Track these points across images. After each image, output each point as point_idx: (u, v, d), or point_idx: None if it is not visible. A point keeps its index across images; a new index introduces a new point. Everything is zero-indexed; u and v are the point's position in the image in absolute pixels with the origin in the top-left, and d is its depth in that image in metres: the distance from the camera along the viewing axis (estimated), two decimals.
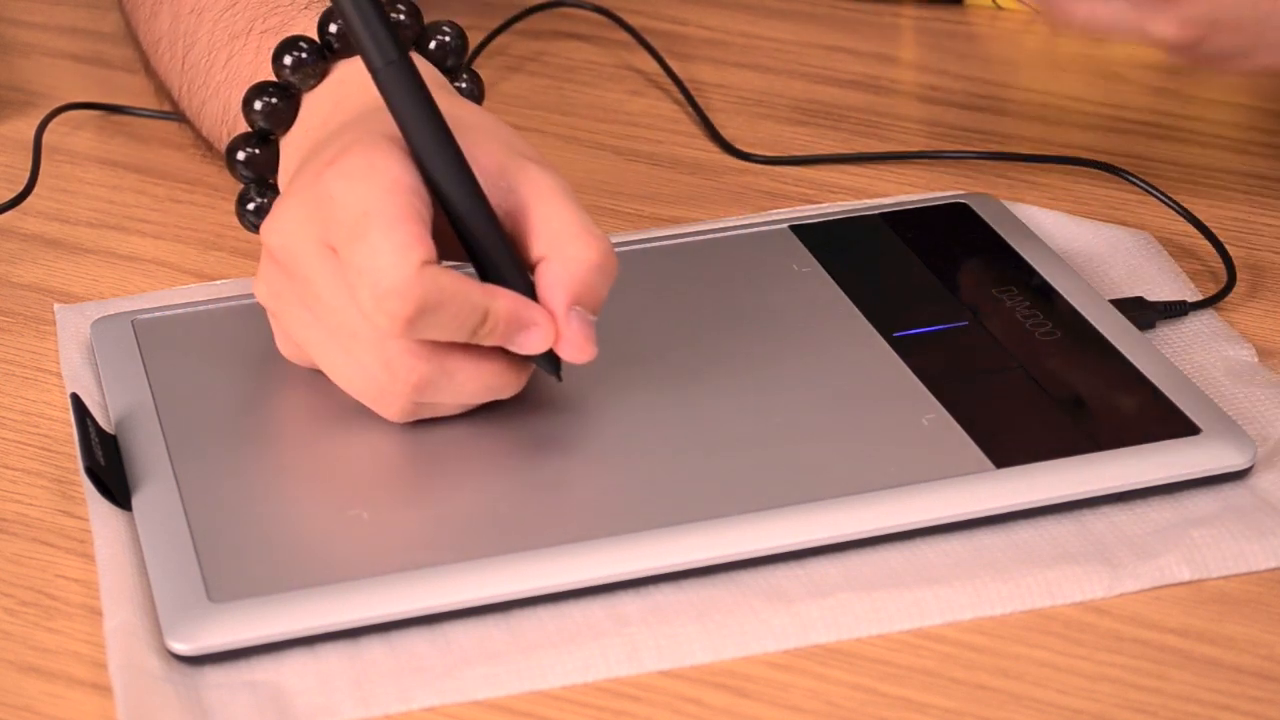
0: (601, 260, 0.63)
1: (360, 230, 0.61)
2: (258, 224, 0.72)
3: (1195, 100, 0.89)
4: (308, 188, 0.64)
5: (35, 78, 0.93)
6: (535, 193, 0.64)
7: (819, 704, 0.57)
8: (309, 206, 0.63)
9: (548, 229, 0.63)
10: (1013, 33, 0.96)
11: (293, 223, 0.64)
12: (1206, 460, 0.64)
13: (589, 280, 0.63)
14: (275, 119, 0.71)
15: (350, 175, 0.63)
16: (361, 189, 0.62)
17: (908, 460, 0.64)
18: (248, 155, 0.72)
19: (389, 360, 0.63)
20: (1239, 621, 0.60)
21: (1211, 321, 0.73)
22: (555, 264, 0.63)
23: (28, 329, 0.75)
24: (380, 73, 0.63)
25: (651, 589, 0.61)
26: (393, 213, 0.61)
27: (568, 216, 0.63)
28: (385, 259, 0.61)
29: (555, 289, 0.63)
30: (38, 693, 0.58)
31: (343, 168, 0.63)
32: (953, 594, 0.60)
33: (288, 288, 0.65)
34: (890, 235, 0.76)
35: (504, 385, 0.65)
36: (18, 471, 0.67)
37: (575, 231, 0.63)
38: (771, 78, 0.92)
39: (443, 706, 0.58)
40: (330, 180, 0.63)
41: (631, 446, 0.65)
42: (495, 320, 0.62)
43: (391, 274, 0.61)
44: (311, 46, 0.71)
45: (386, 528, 0.62)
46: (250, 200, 0.73)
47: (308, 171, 0.65)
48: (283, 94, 0.71)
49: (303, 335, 0.65)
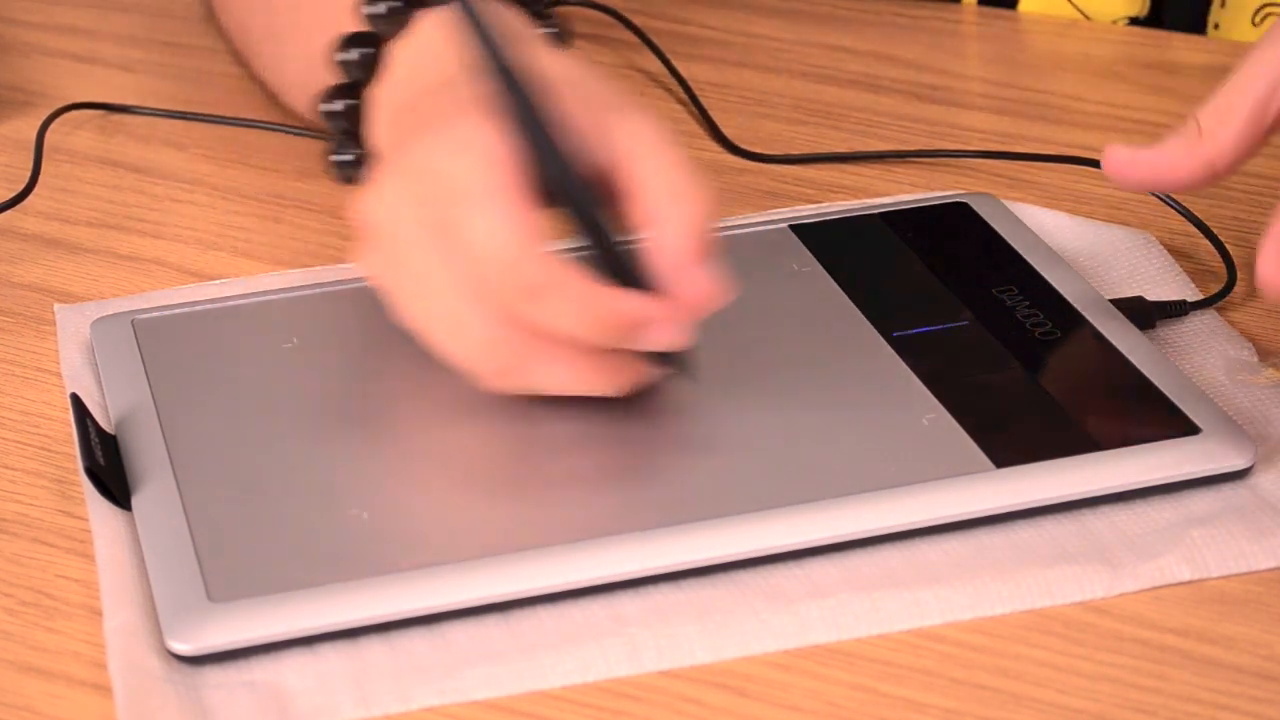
0: (710, 209, 0.62)
1: (467, 204, 0.61)
2: (349, 176, 0.72)
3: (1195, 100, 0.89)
4: (403, 163, 0.63)
5: (35, 78, 0.93)
6: (633, 148, 0.63)
7: (819, 704, 0.57)
8: (410, 180, 0.63)
9: (661, 186, 0.63)
10: (1013, 33, 0.96)
11: (393, 197, 0.64)
12: (1206, 460, 0.64)
13: (706, 235, 0.62)
14: (364, 69, 0.71)
15: (453, 148, 0.62)
16: (466, 162, 0.62)
17: (908, 460, 0.64)
18: (343, 106, 0.71)
19: (492, 340, 0.63)
20: (1239, 621, 0.60)
21: (1212, 321, 0.73)
22: (674, 222, 0.62)
23: (28, 329, 0.75)
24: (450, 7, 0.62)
25: (651, 589, 0.61)
26: (496, 185, 0.61)
27: (677, 170, 0.63)
28: (491, 233, 0.61)
29: (682, 250, 0.62)
30: (38, 693, 0.58)
31: (444, 140, 0.63)
32: (953, 594, 0.60)
33: (391, 265, 0.65)
34: (890, 235, 0.76)
35: (603, 384, 0.64)
36: (18, 471, 0.67)
37: (685, 186, 0.62)
38: (771, 77, 0.92)
39: (443, 706, 0.58)
40: (432, 153, 0.63)
41: (631, 446, 0.65)
42: (619, 315, 0.62)
43: (501, 249, 0.60)
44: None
45: (386, 528, 0.62)
46: (338, 153, 0.72)
47: (404, 141, 0.64)
48: (368, 42, 0.71)
49: (413, 312, 0.65)
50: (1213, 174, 0.67)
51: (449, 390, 0.67)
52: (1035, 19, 0.97)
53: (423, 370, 0.68)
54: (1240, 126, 0.66)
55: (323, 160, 0.73)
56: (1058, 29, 0.96)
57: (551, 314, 0.62)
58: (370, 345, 0.71)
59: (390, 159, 0.65)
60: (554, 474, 0.65)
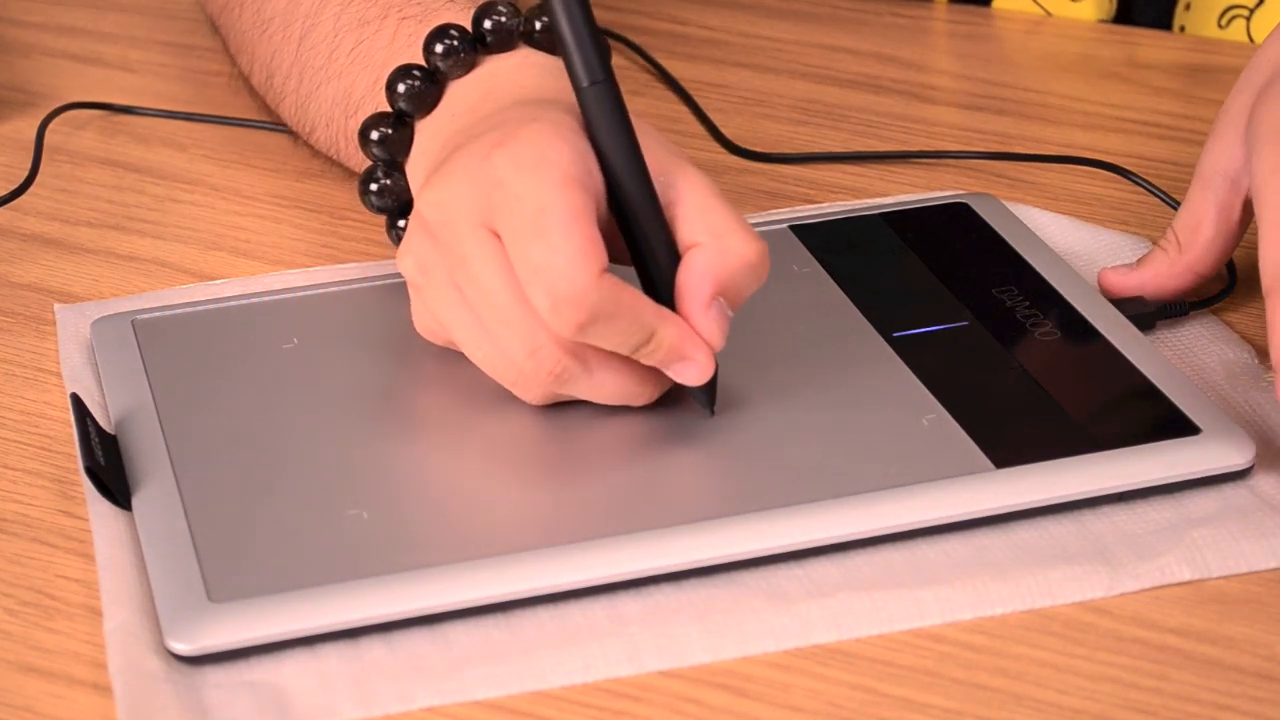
0: (757, 261, 0.64)
1: (538, 227, 0.61)
2: (380, 205, 0.72)
3: (1195, 100, 0.89)
4: (474, 167, 0.64)
5: (35, 78, 0.93)
6: (693, 189, 0.64)
7: (819, 704, 0.57)
8: (475, 186, 0.63)
9: (706, 221, 0.64)
10: (1013, 33, 0.97)
11: (456, 199, 0.64)
12: (1206, 460, 0.64)
13: (739, 275, 0.63)
14: (417, 102, 0.71)
15: (523, 164, 0.62)
16: (536, 181, 0.62)
17: (908, 460, 0.64)
18: (381, 134, 0.71)
19: (536, 349, 0.63)
20: (1239, 621, 0.60)
21: (1211, 322, 0.73)
22: (710, 252, 0.63)
23: (28, 329, 0.75)
24: (584, 92, 0.64)
25: (651, 589, 0.61)
26: (570, 213, 0.62)
27: (728, 213, 0.64)
28: (564, 262, 0.61)
29: (705, 276, 0.63)
30: (38, 693, 0.58)
31: (514, 154, 0.63)
32: (953, 594, 0.60)
33: (438, 263, 0.65)
34: (890, 235, 0.76)
35: (639, 394, 0.65)
36: (18, 471, 0.67)
37: (736, 227, 0.64)
38: (771, 78, 0.92)
39: (443, 706, 0.58)
40: (501, 165, 0.63)
41: (631, 447, 0.65)
42: (659, 344, 0.63)
43: (572, 279, 0.61)
44: (464, 35, 0.71)
45: (386, 528, 0.62)
46: (375, 180, 0.72)
47: (473, 150, 0.64)
48: (429, 78, 0.71)
49: (446, 313, 0.65)
50: (1199, 278, 0.72)
51: (449, 390, 0.67)
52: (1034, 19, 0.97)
53: (423, 370, 0.68)
54: (1209, 234, 0.72)
55: (360, 188, 0.73)
56: (1055, 29, 0.96)
57: (604, 337, 0.63)
58: (370, 345, 0.71)
59: (457, 159, 0.65)
60: (555, 474, 0.65)
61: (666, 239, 0.64)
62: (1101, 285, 0.73)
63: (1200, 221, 0.72)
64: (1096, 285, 0.74)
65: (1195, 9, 0.94)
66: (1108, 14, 0.96)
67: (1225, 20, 0.94)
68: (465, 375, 0.67)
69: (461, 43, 0.71)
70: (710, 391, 0.66)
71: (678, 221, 0.64)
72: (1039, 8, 0.97)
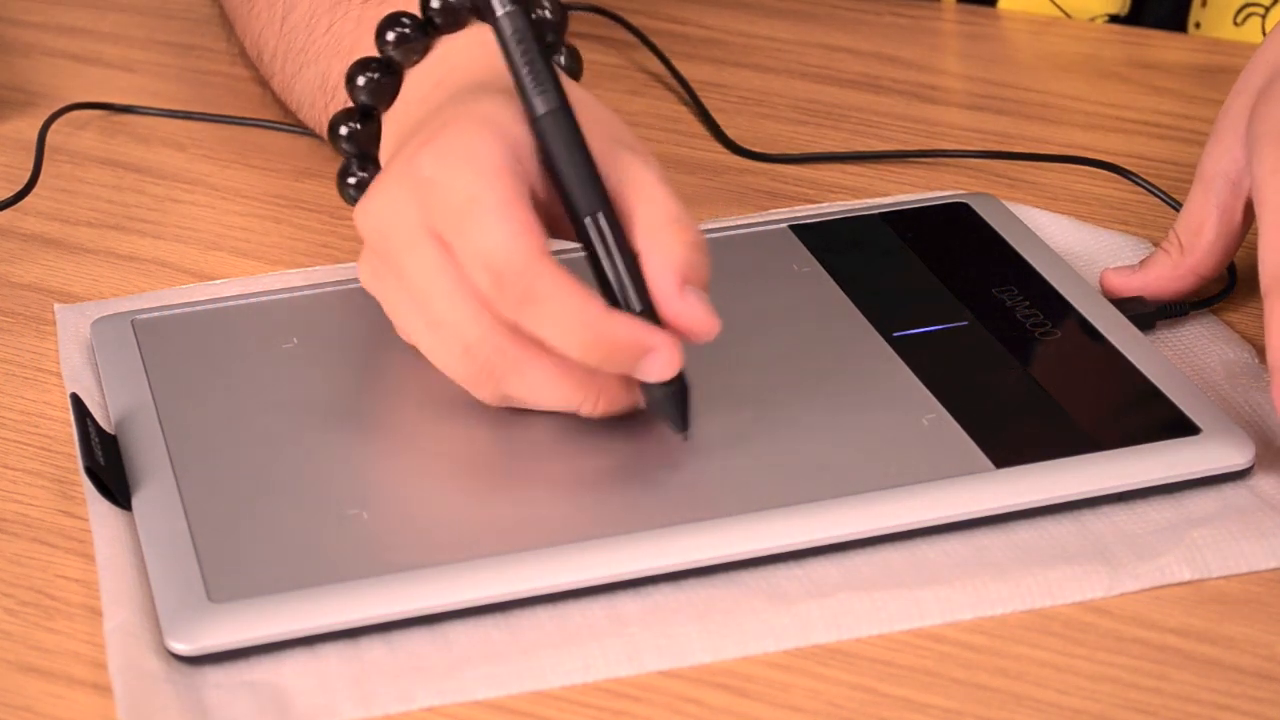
0: (697, 239, 0.63)
1: (471, 214, 0.61)
2: (359, 198, 0.72)
3: (1195, 100, 0.89)
4: (403, 171, 0.64)
5: (35, 78, 0.93)
6: (632, 181, 0.64)
7: (819, 704, 0.57)
8: (406, 190, 0.63)
9: (648, 221, 0.63)
10: (1012, 33, 0.97)
11: (388, 207, 0.64)
12: (1206, 460, 0.64)
13: (692, 259, 0.63)
14: (378, 94, 0.71)
15: (449, 159, 0.62)
16: (464, 173, 0.62)
17: (908, 460, 0.64)
18: (350, 130, 0.72)
19: (469, 345, 0.63)
20: (1239, 621, 0.60)
21: (1211, 322, 0.73)
22: (658, 246, 0.63)
23: (28, 329, 0.75)
24: (539, 120, 0.63)
25: (651, 589, 0.61)
26: (502, 197, 0.61)
27: (663, 205, 0.63)
28: (501, 241, 0.61)
29: (665, 270, 0.63)
30: (38, 693, 0.58)
31: (439, 150, 0.63)
32: (953, 594, 0.60)
33: (385, 271, 0.65)
34: (890, 235, 0.76)
35: (580, 399, 0.64)
36: (18, 471, 0.67)
37: (668, 219, 0.63)
38: (771, 77, 0.92)
39: (443, 706, 0.58)
40: (428, 164, 0.63)
41: (631, 447, 0.65)
42: (611, 343, 0.62)
43: (510, 254, 0.61)
44: (414, 22, 0.70)
45: (386, 528, 0.62)
46: (351, 174, 0.73)
47: (402, 155, 0.64)
48: (385, 69, 0.71)
49: (404, 320, 0.65)
50: (1202, 280, 0.72)
51: (449, 390, 0.67)
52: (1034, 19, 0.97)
53: (422, 370, 0.68)
54: (1211, 236, 0.72)
55: (337, 182, 0.73)
56: (1055, 29, 0.96)
57: (546, 322, 0.62)
58: (370, 345, 0.71)
59: (389, 168, 0.65)
60: (554, 474, 0.65)
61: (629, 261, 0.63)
62: (1103, 287, 0.73)
63: (1202, 224, 0.72)
64: (1097, 285, 0.74)
65: (1212, 6, 0.94)
66: (1120, 9, 0.95)
67: (1241, 18, 0.94)
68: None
69: (413, 30, 0.70)
70: (681, 409, 0.64)
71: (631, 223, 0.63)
72: (1054, 6, 0.96)
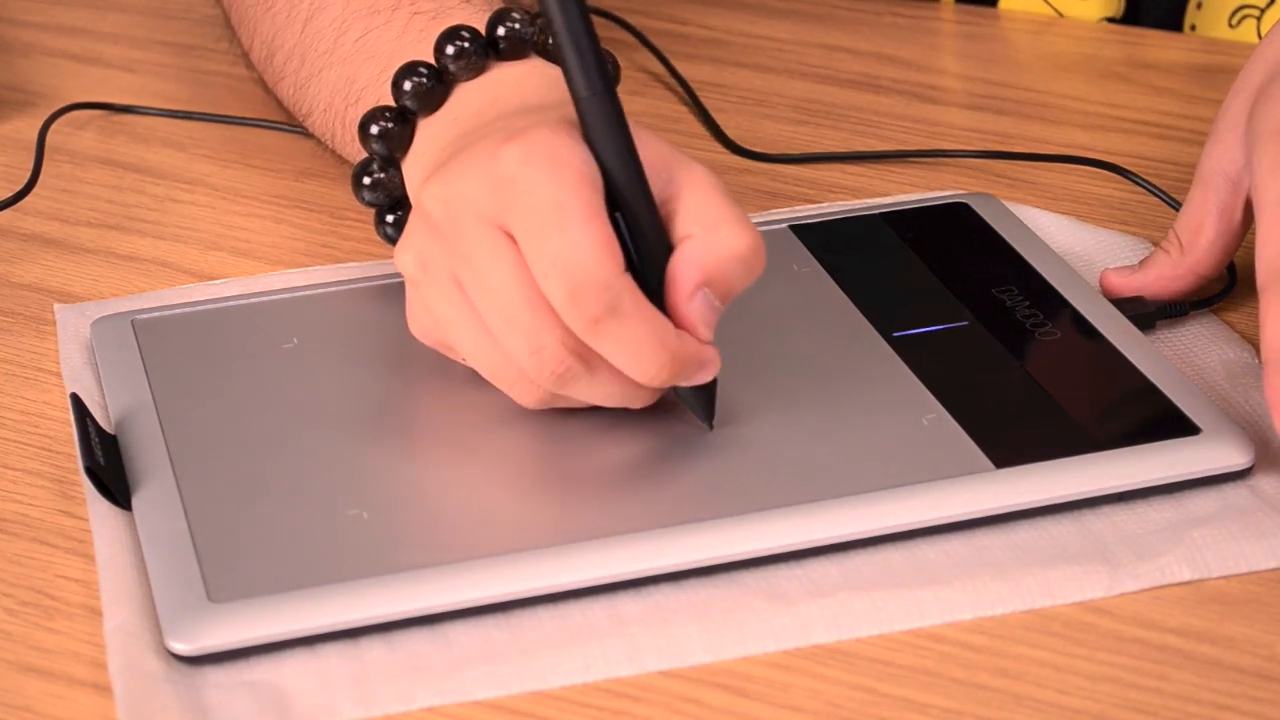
0: (747, 253, 0.63)
1: (557, 221, 0.61)
2: (372, 199, 0.72)
3: (1196, 100, 0.89)
4: (484, 164, 0.63)
5: (35, 78, 0.93)
6: (693, 183, 0.63)
7: (819, 704, 0.57)
8: (485, 182, 0.63)
9: (701, 213, 0.63)
10: (1012, 33, 0.97)
11: (464, 194, 0.63)
12: (1206, 460, 0.64)
13: (728, 266, 0.62)
14: (423, 100, 0.70)
15: (536, 161, 0.62)
16: (551, 178, 0.61)
17: (908, 460, 0.64)
18: (382, 129, 0.71)
19: (540, 348, 0.62)
20: (1239, 621, 0.60)
21: (1211, 322, 0.73)
22: (699, 241, 0.62)
23: (28, 329, 0.75)
24: (584, 101, 0.63)
25: (651, 589, 0.61)
26: (588, 209, 0.61)
27: (725, 207, 0.63)
28: (585, 253, 0.60)
29: (691, 264, 0.62)
30: (38, 693, 0.59)
31: (525, 150, 0.62)
32: (953, 594, 0.60)
33: (440, 259, 0.64)
34: (890, 235, 0.76)
35: (639, 396, 0.65)
36: (18, 471, 0.67)
37: (729, 219, 0.63)
38: (771, 77, 0.92)
39: (443, 706, 0.58)
40: (513, 162, 0.62)
41: (632, 447, 0.65)
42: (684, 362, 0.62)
43: (592, 269, 0.60)
44: (475, 39, 0.70)
45: (386, 528, 0.62)
46: (370, 173, 0.72)
47: (481, 148, 0.63)
48: (436, 77, 0.70)
49: (446, 311, 0.65)
50: (1201, 279, 0.72)
51: (449, 391, 0.67)
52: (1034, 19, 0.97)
53: (423, 370, 0.68)
54: (1211, 236, 0.72)
55: (352, 181, 0.72)
56: (1055, 29, 0.96)
57: (622, 340, 0.62)
58: (370, 345, 0.71)
59: (461, 160, 0.64)
60: (554, 474, 0.65)
61: (664, 246, 0.63)
62: (1103, 286, 0.73)
63: (1201, 223, 0.72)
64: (1097, 285, 0.74)
65: (1206, 8, 0.94)
66: (1116, 12, 0.96)
67: (1236, 20, 0.94)
68: (465, 375, 0.67)
69: (474, 45, 0.70)
70: (709, 403, 0.65)
71: (676, 217, 0.63)
72: (1049, 7, 0.97)
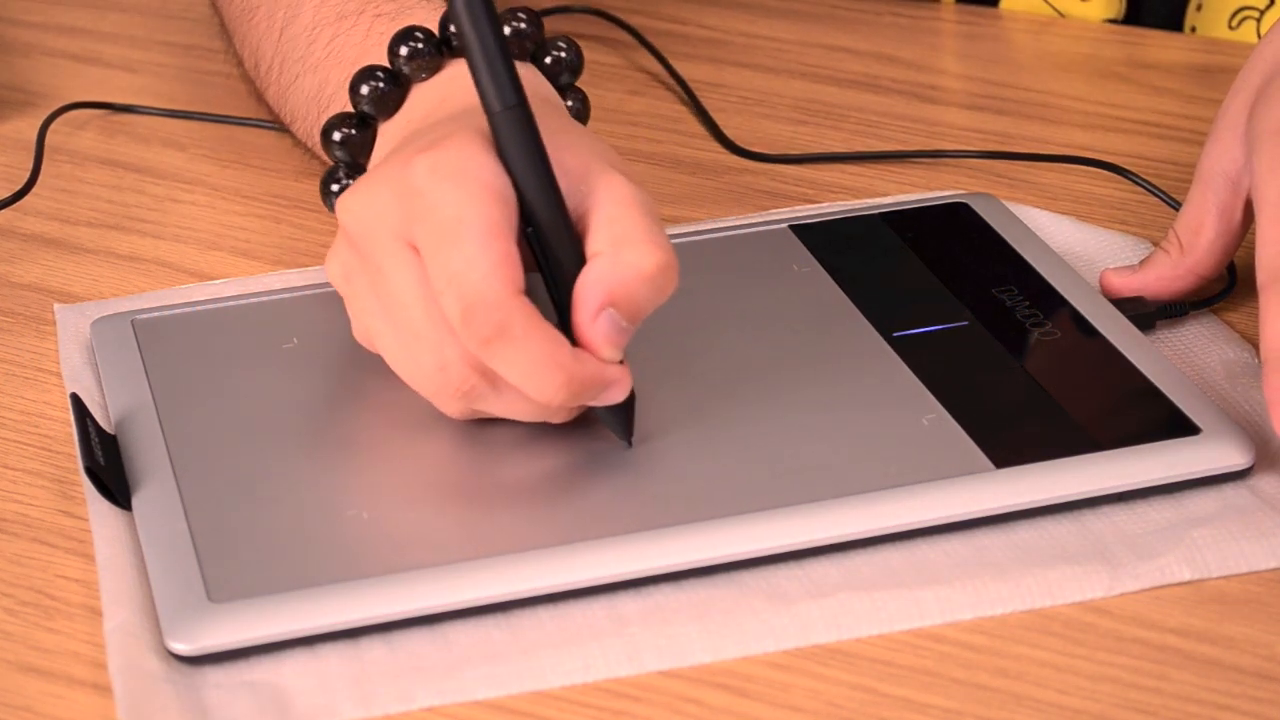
0: (655, 273, 0.61)
1: (455, 236, 0.60)
2: None
3: (1196, 100, 0.89)
4: (395, 176, 0.63)
5: (35, 78, 0.93)
6: (610, 198, 0.62)
7: (819, 704, 0.57)
8: (394, 195, 0.62)
9: (611, 230, 0.62)
10: (1012, 33, 0.97)
11: (374, 208, 0.63)
12: (1206, 460, 0.64)
13: (635, 287, 0.61)
14: (380, 104, 0.70)
15: (442, 173, 0.61)
16: (455, 192, 0.61)
17: (908, 460, 0.64)
18: (344, 135, 0.71)
19: (445, 364, 0.62)
20: (1239, 621, 0.60)
21: (1211, 322, 0.73)
22: (606, 260, 0.61)
23: (28, 329, 0.75)
24: (496, 116, 0.62)
25: (651, 589, 0.61)
26: (488, 224, 0.60)
27: (635, 223, 0.62)
28: (479, 272, 0.60)
29: (596, 285, 0.61)
30: (38, 693, 0.59)
31: (434, 162, 0.62)
32: (953, 594, 0.60)
33: (359, 272, 0.64)
34: (890, 235, 0.76)
35: (553, 413, 0.64)
36: (18, 471, 0.67)
37: (640, 237, 0.62)
38: (771, 77, 0.92)
39: (443, 706, 0.58)
40: (420, 173, 0.62)
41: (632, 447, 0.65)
42: (581, 383, 0.61)
43: (485, 289, 0.60)
44: (428, 39, 0.70)
45: (386, 528, 0.62)
46: (336, 180, 0.72)
47: (396, 159, 0.63)
48: (392, 80, 0.70)
49: (370, 323, 0.65)
50: (1201, 279, 0.72)
51: None
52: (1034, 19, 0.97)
53: None
54: (1211, 236, 0.72)
55: (320, 188, 0.72)
56: (1055, 29, 0.96)
57: (514, 361, 0.61)
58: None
59: (381, 167, 0.64)
60: (555, 474, 0.65)
61: (578, 262, 0.62)
62: (1103, 286, 0.73)
63: (1201, 223, 0.72)
64: (1097, 285, 0.74)
65: (1206, 9, 0.94)
66: (1117, 13, 0.96)
67: (1236, 21, 0.94)
68: None
69: (427, 45, 0.70)
70: (625, 421, 0.64)
71: (589, 232, 0.62)
72: (1050, 8, 0.96)
